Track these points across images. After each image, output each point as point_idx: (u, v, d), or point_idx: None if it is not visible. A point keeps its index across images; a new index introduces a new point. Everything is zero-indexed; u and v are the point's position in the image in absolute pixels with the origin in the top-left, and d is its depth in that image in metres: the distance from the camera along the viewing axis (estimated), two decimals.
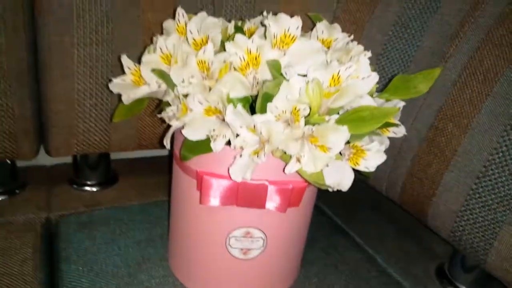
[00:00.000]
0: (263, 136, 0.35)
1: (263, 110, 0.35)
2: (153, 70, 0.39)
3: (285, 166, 0.36)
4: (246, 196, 0.41)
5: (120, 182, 0.71)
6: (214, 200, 0.41)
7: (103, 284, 0.49)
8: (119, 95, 0.44)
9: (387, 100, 0.42)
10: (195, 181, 0.43)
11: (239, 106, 0.35)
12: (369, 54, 0.40)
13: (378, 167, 0.59)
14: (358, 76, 0.37)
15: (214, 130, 0.37)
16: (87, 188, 0.68)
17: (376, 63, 0.60)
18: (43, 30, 0.53)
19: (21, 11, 0.52)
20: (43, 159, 0.73)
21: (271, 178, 0.41)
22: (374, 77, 0.37)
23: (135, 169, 0.75)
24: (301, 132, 0.35)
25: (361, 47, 0.42)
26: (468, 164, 0.48)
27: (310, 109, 0.35)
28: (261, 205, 0.42)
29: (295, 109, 0.35)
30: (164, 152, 0.81)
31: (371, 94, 0.40)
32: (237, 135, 0.36)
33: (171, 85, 0.38)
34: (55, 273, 0.51)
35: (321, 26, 0.45)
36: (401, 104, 0.42)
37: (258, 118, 0.35)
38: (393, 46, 0.59)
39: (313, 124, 0.35)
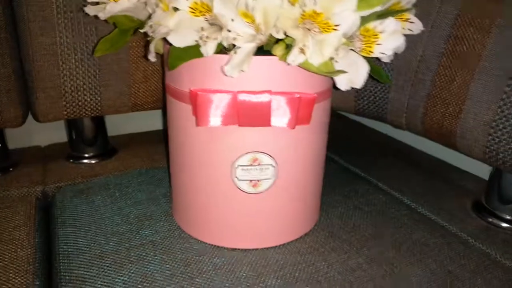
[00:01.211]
0: (258, 21, 0.30)
1: None
2: None
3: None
4: (248, 112, 0.36)
5: (119, 153, 0.66)
6: (214, 120, 0.36)
7: (103, 242, 0.44)
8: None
9: None
10: (190, 106, 0.38)
11: None
12: None
13: (396, 97, 0.54)
14: None
15: (203, 29, 0.33)
16: (85, 161, 0.64)
17: None
18: None
19: None
20: (38, 140, 0.70)
21: (275, 89, 0.36)
22: None
23: (133, 143, 0.71)
24: (302, 11, 0.30)
25: None
26: (497, 67, 0.42)
27: None
28: (266, 122, 0.37)
29: None
30: (161, 126, 0.78)
31: None
32: (228, 31, 0.31)
33: None
34: (51, 237, 0.47)
35: None
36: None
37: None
38: None
39: None
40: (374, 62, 0.38)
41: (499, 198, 0.50)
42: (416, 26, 0.38)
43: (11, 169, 0.60)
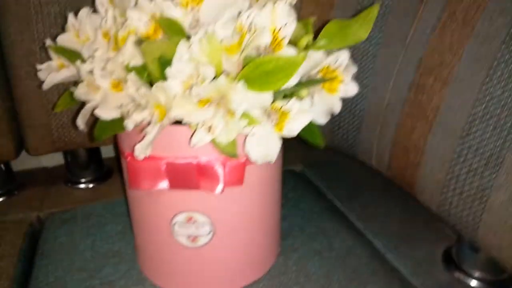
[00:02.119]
0: (161, 104, 0.31)
1: (162, 77, 0.32)
2: (52, 48, 0.37)
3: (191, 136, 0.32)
4: (177, 176, 0.37)
5: (114, 176, 0.70)
6: (142, 183, 0.38)
7: (68, 279, 0.48)
8: None
9: (327, 51, 0.35)
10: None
11: (133, 73, 0.31)
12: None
13: (365, 137, 0.53)
14: (275, 26, 0.32)
15: (123, 105, 0.34)
16: (82, 185, 0.69)
17: (358, 3, 0.52)
18: (4, 30, 0.54)
19: None
20: (45, 161, 0.76)
21: (203, 155, 0.37)
22: (291, 24, 0.31)
23: None
24: (202, 96, 0.30)
25: None
26: (451, 122, 0.40)
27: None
28: (195, 186, 0.38)
29: (196, 71, 0.31)
30: None
31: (302, 47, 0.35)
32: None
33: (72, 59, 0.35)
34: (32, 268, 0.52)
35: None
36: (345, 56, 0.36)
37: (156, 85, 0.31)
38: None
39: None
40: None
41: (471, 246, 0.48)
42: (351, 89, 0.37)
43: (16, 192, 0.67)
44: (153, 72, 0.31)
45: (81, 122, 0.38)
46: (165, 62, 0.31)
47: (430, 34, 0.43)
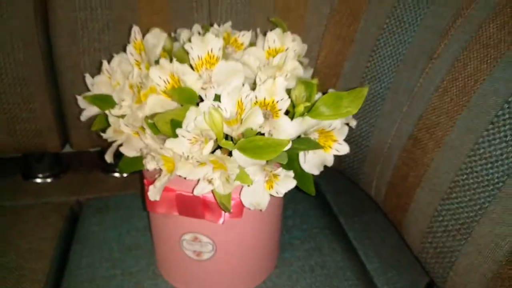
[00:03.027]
0: (170, 159, 0.37)
1: (174, 135, 0.37)
2: (85, 97, 0.44)
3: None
4: (184, 206, 0.44)
5: None
6: (158, 209, 0.45)
7: (96, 266, 0.57)
8: None
9: (321, 119, 0.40)
10: None
11: (149, 132, 0.37)
12: (300, 71, 0.39)
13: (367, 172, 0.57)
14: (273, 98, 0.37)
15: (143, 149, 0.41)
16: (116, 174, 0.77)
17: (368, 60, 0.55)
18: (54, 42, 0.61)
19: (35, 30, 0.60)
20: None
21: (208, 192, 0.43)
22: (286, 101, 0.36)
23: None
24: (205, 158, 0.36)
25: (295, 63, 0.40)
26: (436, 183, 0.43)
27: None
28: (201, 216, 0.44)
29: (200, 134, 0.36)
30: None
31: (299, 113, 0.39)
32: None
33: (103, 108, 0.42)
34: (69, 249, 0.61)
35: (273, 35, 0.44)
36: (338, 123, 0.40)
37: (167, 143, 0.37)
38: (386, 41, 0.53)
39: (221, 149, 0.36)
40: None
41: None
42: (343, 149, 0.41)
43: (61, 174, 0.77)
44: (165, 132, 0.37)
45: (109, 157, 0.45)
46: (176, 124, 0.37)
47: (433, 92, 0.46)
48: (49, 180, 0.76)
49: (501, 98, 0.38)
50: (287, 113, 0.38)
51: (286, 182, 0.37)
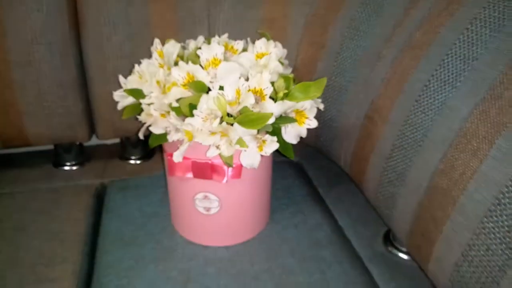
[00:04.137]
0: (190, 132, 0.52)
1: (191, 115, 0.53)
2: (125, 90, 0.59)
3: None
4: (198, 170, 0.59)
5: (155, 157, 0.93)
6: (177, 173, 0.60)
7: (124, 230, 0.71)
8: None
9: (297, 102, 0.55)
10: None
11: (173, 113, 0.53)
12: (280, 69, 0.55)
13: (336, 148, 0.72)
14: (261, 87, 0.52)
15: (167, 127, 0.56)
16: (132, 161, 0.92)
17: (335, 61, 0.71)
18: (84, 51, 0.76)
19: (69, 42, 0.75)
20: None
21: (215, 159, 0.58)
22: (269, 89, 0.51)
23: None
24: (213, 130, 0.51)
25: (277, 63, 0.56)
26: (383, 148, 0.59)
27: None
28: (209, 177, 0.59)
29: (211, 113, 0.51)
30: None
31: (280, 98, 0.55)
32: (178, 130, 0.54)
33: (138, 98, 0.57)
34: (99, 219, 0.76)
35: (260, 43, 0.60)
36: (309, 103, 0.55)
37: (186, 120, 0.52)
38: (347, 46, 0.69)
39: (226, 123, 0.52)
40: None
41: None
42: (313, 123, 0.57)
43: (85, 163, 0.91)
44: (185, 112, 0.52)
45: (141, 134, 0.60)
46: (192, 107, 0.52)
47: (380, 83, 0.62)
48: (75, 168, 0.90)
49: (422, 83, 0.54)
50: (271, 98, 0.54)
51: (271, 145, 0.52)
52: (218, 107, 0.51)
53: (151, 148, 0.93)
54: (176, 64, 0.56)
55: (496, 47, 0.47)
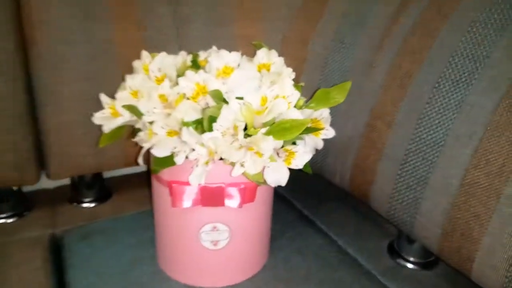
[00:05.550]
0: (212, 149, 0.45)
1: (210, 129, 0.46)
2: (123, 106, 0.49)
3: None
4: (208, 197, 0.51)
5: (114, 197, 0.81)
6: (183, 203, 0.51)
7: (102, 283, 0.59)
8: None
9: (315, 110, 0.52)
10: (167, 189, 0.53)
11: (191, 128, 0.45)
12: (293, 75, 0.51)
13: (330, 163, 0.70)
14: (284, 95, 0.48)
15: (175, 147, 0.48)
16: (85, 205, 0.78)
17: (320, 74, 0.70)
18: (35, 74, 0.64)
19: (18, 63, 0.62)
20: (46, 183, 0.84)
21: (227, 181, 0.51)
22: (296, 94, 0.47)
23: (125, 184, 0.85)
24: (240, 143, 0.45)
25: (289, 69, 0.52)
26: (394, 154, 0.58)
27: (247, 124, 0.46)
28: (221, 203, 0.52)
29: (235, 125, 0.45)
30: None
31: (299, 106, 0.51)
32: (193, 150, 0.46)
33: (138, 115, 0.48)
34: (64, 278, 0.61)
35: (262, 53, 0.55)
36: (326, 112, 0.52)
37: (206, 135, 0.45)
38: (333, 59, 0.69)
39: (250, 136, 0.45)
40: None
41: (407, 239, 0.66)
42: (330, 133, 0.54)
43: (25, 213, 0.75)
44: (206, 126, 0.45)
45: (141, 159, 0.50)
46: (212, 119, 0.45)
47: (379, 90, 0.61)
48: (11, 220, 0.73)
49: (431, 85, 0.55)
50: None
51: (303, 156, 0.47)
52: (245, 118, 0.45)
53: (107, 189, 0.81)
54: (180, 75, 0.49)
55: (506, 44, 0.50)
